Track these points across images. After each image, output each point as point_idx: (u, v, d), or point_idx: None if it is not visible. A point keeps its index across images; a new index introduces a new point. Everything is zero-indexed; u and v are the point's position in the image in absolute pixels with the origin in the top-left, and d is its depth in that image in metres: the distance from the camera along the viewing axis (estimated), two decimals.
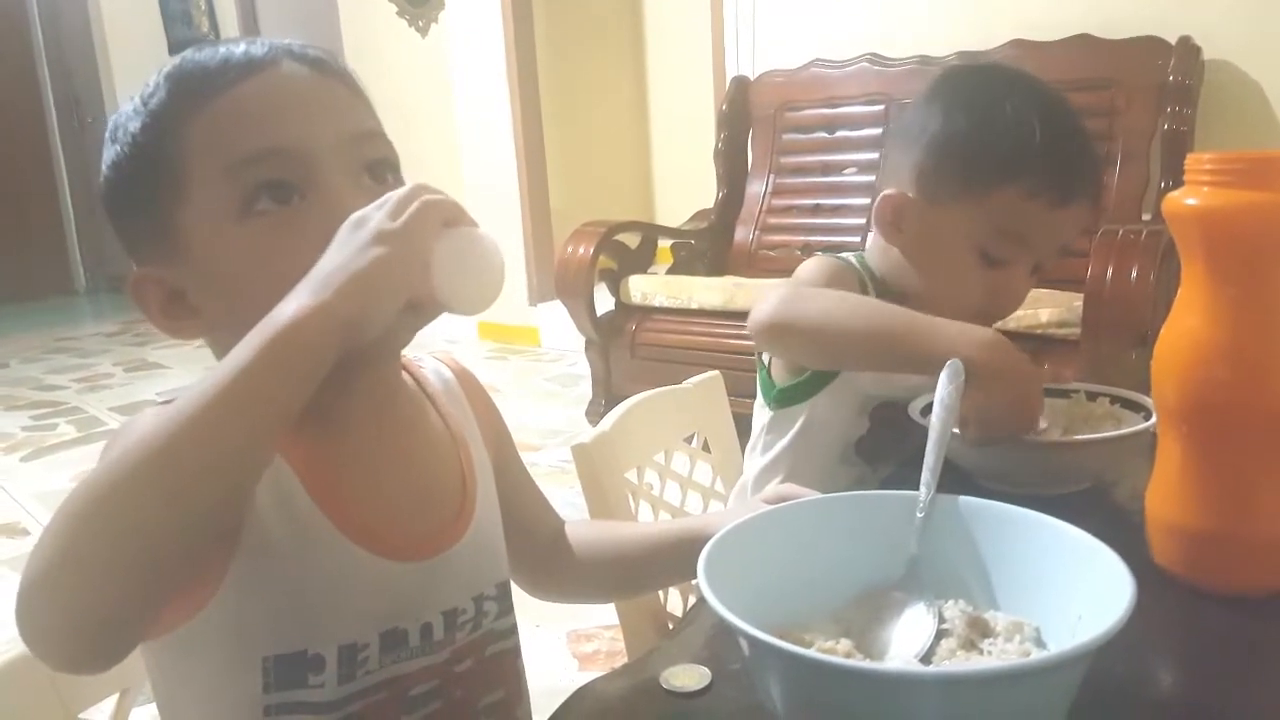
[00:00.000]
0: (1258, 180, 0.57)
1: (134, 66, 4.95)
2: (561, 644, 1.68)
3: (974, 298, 0.89)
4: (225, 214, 0.54)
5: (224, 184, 0.54)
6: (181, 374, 3.84)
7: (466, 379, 0.71)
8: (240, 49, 0.57)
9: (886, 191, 0.93)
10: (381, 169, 0.58)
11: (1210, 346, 0.59)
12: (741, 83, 2.93)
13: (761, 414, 0.98)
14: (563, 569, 0.75)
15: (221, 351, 0.56)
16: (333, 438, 0.58)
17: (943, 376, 0.68)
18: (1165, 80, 2.25)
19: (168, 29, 5.09)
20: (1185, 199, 0.59)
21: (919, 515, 0.56)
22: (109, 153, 0.58)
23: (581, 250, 2.54)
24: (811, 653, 0.46)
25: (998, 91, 0.89)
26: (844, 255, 0.97)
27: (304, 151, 0.55)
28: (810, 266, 0.93)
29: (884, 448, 0.91)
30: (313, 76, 0.58)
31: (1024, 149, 0.85)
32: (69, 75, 5.52)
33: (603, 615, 1.05)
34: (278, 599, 0.54)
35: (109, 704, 0.65)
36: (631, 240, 2.74)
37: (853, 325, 0.82)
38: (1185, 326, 0.60)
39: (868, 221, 1.11)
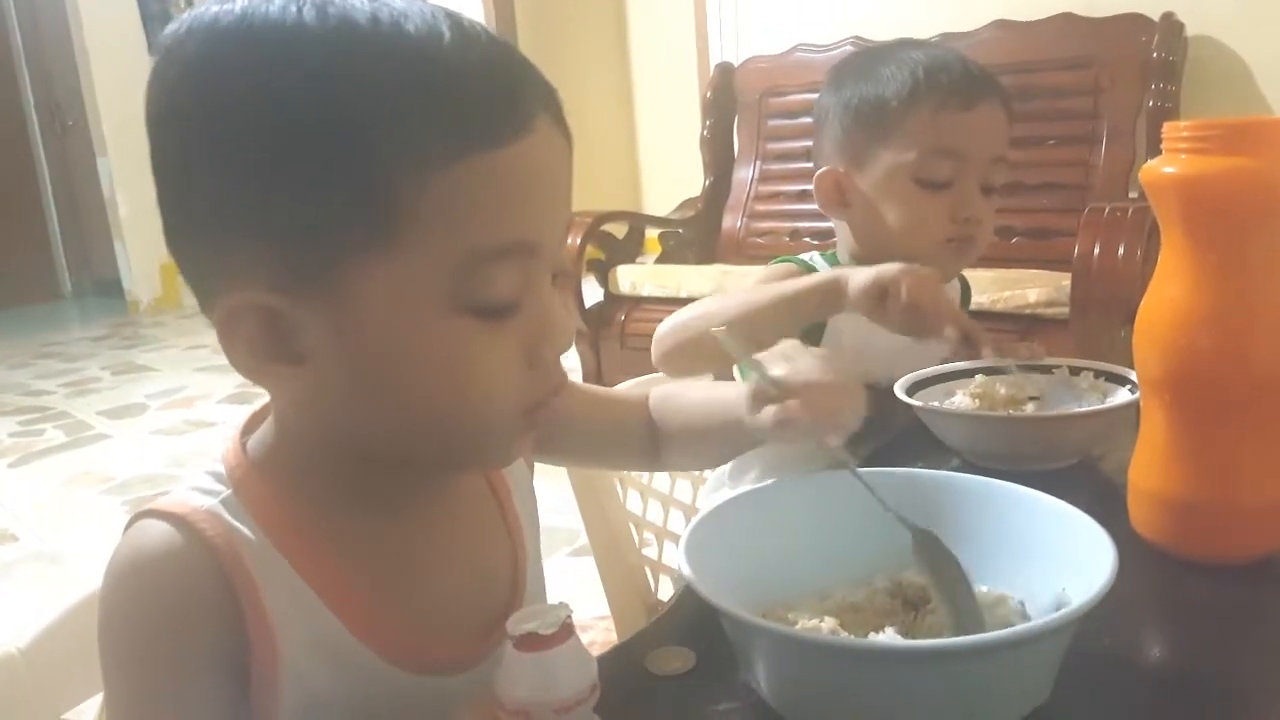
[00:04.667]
0: (1234, 146, 0.56)
1: (114, 68, 4.90)
2: None
3: (935, 228, 0.92)
4: (431, 297, 0.43)
5: (447, 265, 0.42)
6: (170, 376, 3.82)
7: None
8: (497, 84, 0.43)
9: (818, 172, 0.97)
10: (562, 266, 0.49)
11: (1191, 315, 0.58)
12: (726, 69, 2.92)
13: None
14: (658, 445, 0.71)
15: (306, 416, 0.47)
16: (370, 547, 0.50)
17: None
18: (1149, 57, 2.24)
19: (147, 29, 5.04)
20: (1163, 167, 0.58)
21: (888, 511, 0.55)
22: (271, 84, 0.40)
23: (568, 241, 2.53)
24: (792, 630, 0.46)
25: (880, 54, 0.97)
26: (802, 256, 1.00)
27: (538, 248, 0.45)
28: (754, 277, 0.96)
29: (863, 429, 0.91)
30: (562, 145, 0.46)
31: (914, 78, 0.92)
32: (49, 78, 5.47)
33: (597, 606, 1.05)
34: None
35: (93, 704, 0.64)
36: (619, 230, 2.73)
37: (733, 312, 0.86)
38: (1166, 296, 0.60)
39: None
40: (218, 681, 0.45)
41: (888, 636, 0.47)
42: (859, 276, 0.82)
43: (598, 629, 1.72)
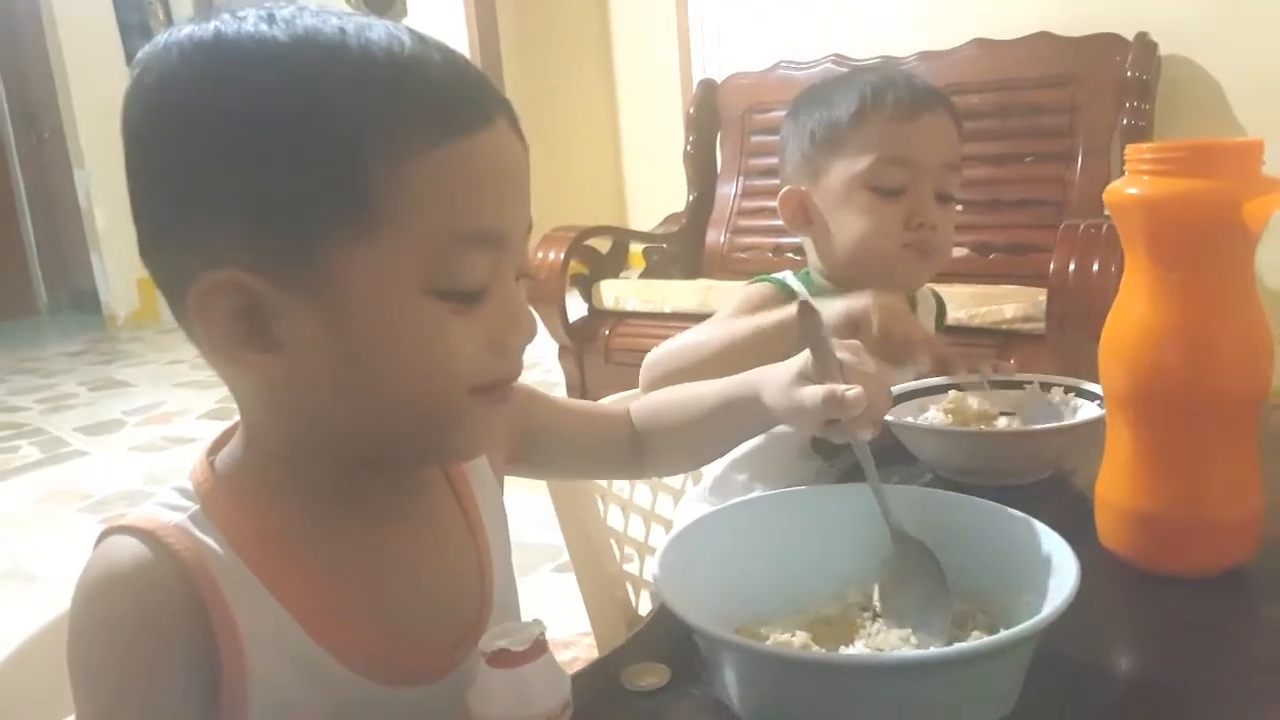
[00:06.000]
0: (1196, 168, 0.58)
1: (91, 80, 4.87)
2: None
3: (892, 234, 0.95)
4: (406, 280, 0.45)
5: (421, 249, 0.45)
6: (148, 392, 3.79)
7: None
8: (460, 78, 0.47)
9: (782, 192, 1.01)
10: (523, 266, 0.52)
11: (1155, 333, 0.59)
12: (708, 85, 2.94)
13: None
14: (645, 451, 0.72)
15: (275, 411, 0.49)
16: (339, 559, 0.50)
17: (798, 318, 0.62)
18: (1124, 76, 2.28)
19: (125, 41, 5.02)
20: (1126, 188, 0.60)
21: (886, 517, 0.56)
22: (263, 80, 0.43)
23: (552, 256, 2.54)
24: (757, 644, 0.46)
25: (834, 82, 1.03)
26: (777, 276, 1.01)
27: (505, 240, 0.48)
28: (734, 297, 0.98)
29: (839, 445, 0.92)
30: (520, 147, 0.49)
31: (862, 96, 0.96)
32: (25, 89, 5.42)
33: (580, 622, 1.05)
34: None
35: None
36: (603, 245, 2.74)
37: (715, 346, 0.87)
38: (1131, 314, 0.61)
39: None
40: (188, 695, 0.46)
41: (855, 650, 0.47)
42: (830, 310, 0.84)
43: (581, 645, 1.71)
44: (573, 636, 1.68)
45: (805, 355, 0.61)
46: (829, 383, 0.58)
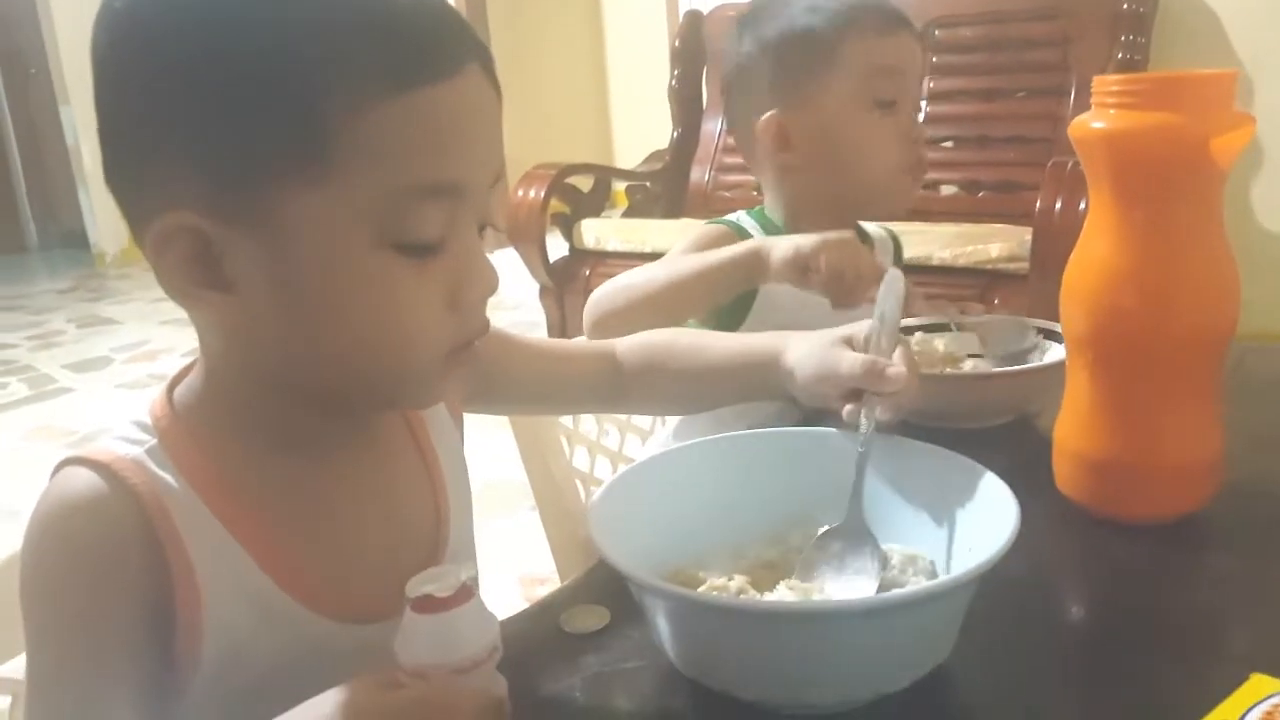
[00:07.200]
0: (1163, 101, 0.55)
1: (75, 14, 4.75)
2: (515, 587, 1.69)
3: (891, 151, 0.92)
4: (358, 229, 0.44)
5: (375, 198, 0.44)
6: (135, 329, 3.77)
7: None
8: (431, 24, 0.45)
9: (761, 120, 0.93)
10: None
11: (1116, 274, 0.58)
12: (695, 17, 2.86)
13: None
14: (628, 390, 0.72)
15: (232, 348, 0.49)
16: (293, 496, 0.51)
17: (881, 289, 0.63)
18: (1119, 8, 2.22)
19: None
20: (1091, 122, 0.57)
21: (859, 449, 0.55)
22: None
23: (533, 193, 2.50)
24: (672, 588, 0.46)
25: (790, 3, 0.95)
26: (730, 217, 0.98)
27: (465, 191, 0.46)
28: (687, 236, 0.95)
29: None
30: (492, 95, 0.48)
31: (837, 7, 0.91)
32: (9, 26, 5.28)
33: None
34: (252, 687, 0.48)
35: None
36: (584, 183, 2.69)
37: (661, 282, 0.84)
38: (1092, 254, 0.59)
39: None
40: (140, 626, 0.46)
41: (778, 595, 0.47)
42: (779, 249, 0.80)
43: (556, 581, 1.73)
44: (549, 573, 1.70)
45: (858, 325, 0.60)
46: (874, 355, 0.57)
